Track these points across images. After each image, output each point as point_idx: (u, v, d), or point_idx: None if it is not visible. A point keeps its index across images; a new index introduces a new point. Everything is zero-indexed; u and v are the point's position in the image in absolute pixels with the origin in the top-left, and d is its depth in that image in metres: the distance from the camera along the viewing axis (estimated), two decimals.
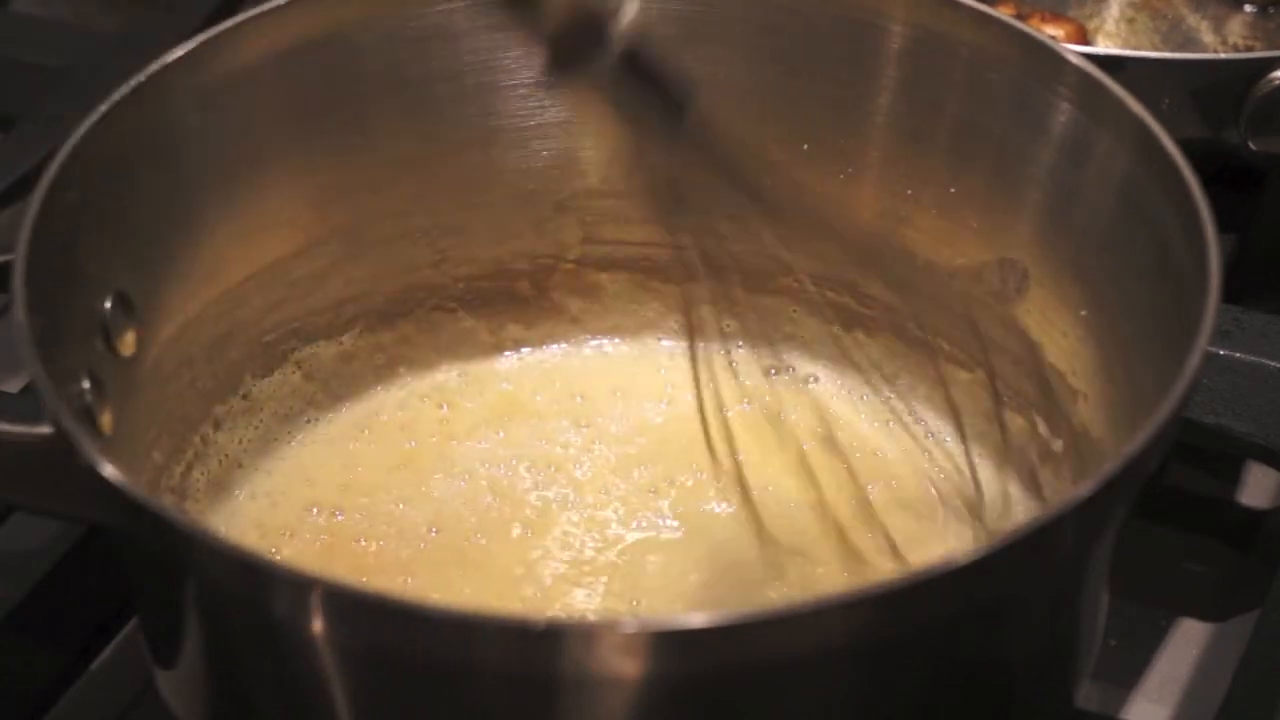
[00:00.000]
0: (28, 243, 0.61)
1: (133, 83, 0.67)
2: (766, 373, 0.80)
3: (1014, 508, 0.75)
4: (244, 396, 0.76)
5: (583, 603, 0.71)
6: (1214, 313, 0.59)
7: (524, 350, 0.82)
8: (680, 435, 0.78)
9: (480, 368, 0.81)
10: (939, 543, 0.73)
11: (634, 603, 0.71)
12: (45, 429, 0.59)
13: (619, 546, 0.74)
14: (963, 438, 0.77)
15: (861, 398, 0.80)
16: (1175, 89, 0.86)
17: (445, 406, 0.80)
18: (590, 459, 0.77)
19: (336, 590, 0.53)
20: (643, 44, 0.59)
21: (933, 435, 0.78)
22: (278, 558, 0.72)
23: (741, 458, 0.74)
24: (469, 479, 0.76)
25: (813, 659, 0.54)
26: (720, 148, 0.62)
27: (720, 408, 0.74)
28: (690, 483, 0.76)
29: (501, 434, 0.78)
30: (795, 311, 0.80)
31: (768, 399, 0.79)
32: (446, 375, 0.81)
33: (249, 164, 0.72)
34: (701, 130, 0.61)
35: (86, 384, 0.63)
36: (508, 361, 0.82)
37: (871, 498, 0.75)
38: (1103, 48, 1.03)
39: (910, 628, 0.54)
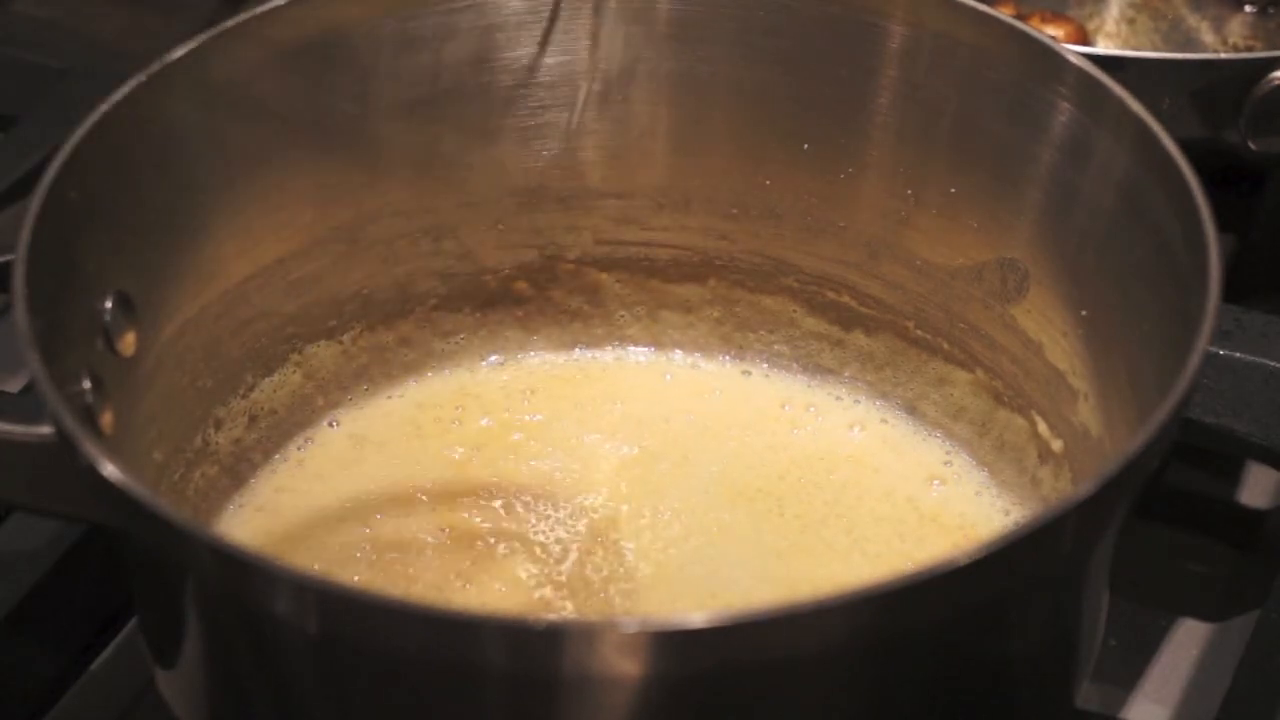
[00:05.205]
0: (28, 243, 0.60)
1: (133, 83, 0.67)
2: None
3: (1011, 512, 0.75)
4: (244, 397, 0.76)
5: (599, 608, 0.71)
6: (1214, 313, 0.59)
7: (525, 351, 0.82)
8: (683, 440, 0.78)
9: (480, 368, 0.81)
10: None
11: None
12: (45, 429, 0.59)
13: (625, 552, 0.74)
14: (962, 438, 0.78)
15: (855, 401, 0.80)
16: (1175, 89, 0.86)
17: (444, 409, 0.80)
18: (593, 463, 0.77)
19: (336, 591, 0.53)
20: None
21: (930, 436, 0.78)
22: (278, 558, 0.72)
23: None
24: (469, 481, 0.76)
25: (813, 659, 0.54)
26: None
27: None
28: (690, 489, 0.76)
29: (501, 439, 0.78)
30: (795, 311, 0.80)
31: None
32: (447, 376, 0.81)
33: (249, 164, 0.72)
34: None
35: (87, 384, 0.63)
36: (507, 362, 0.82)
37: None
38: (1103, 48, 1.03)
39: (910, 628, 0.54)
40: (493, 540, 0.74)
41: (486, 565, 0.73)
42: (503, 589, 0.72)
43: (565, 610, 0.71)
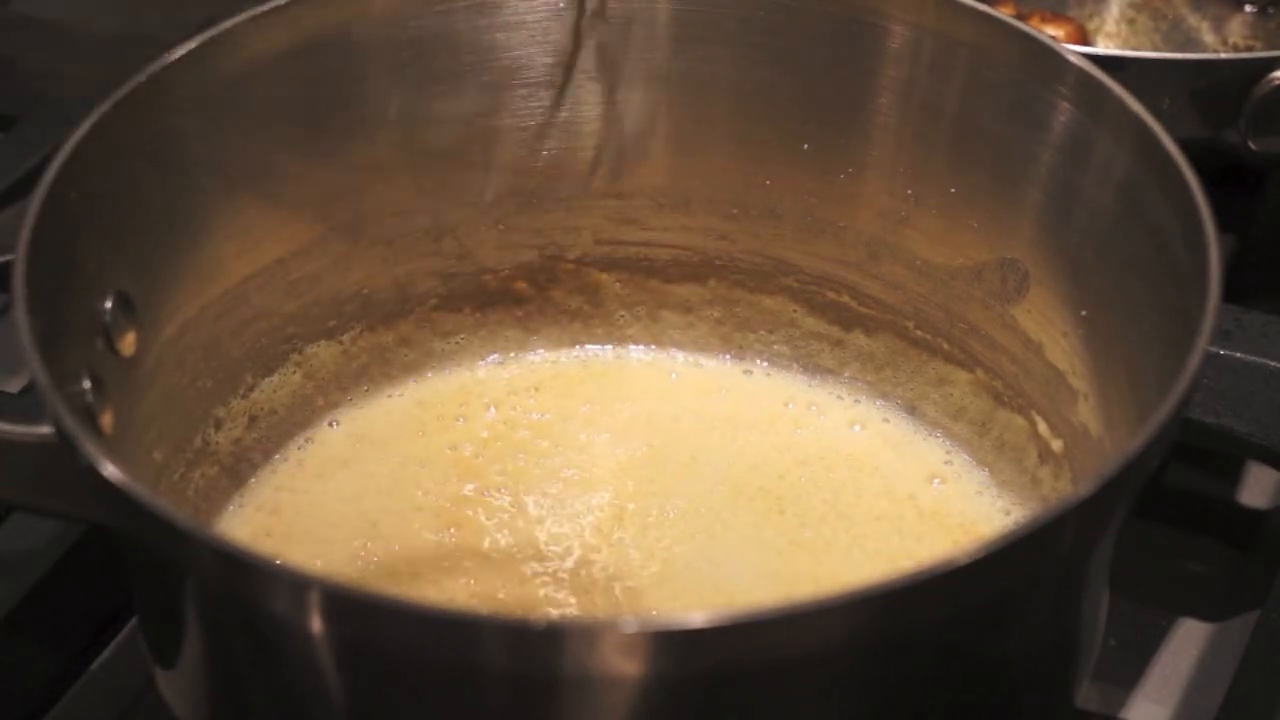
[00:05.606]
0: (28, 243, 0.60)
1: (133, 83, 0.67)
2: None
3: (1011, 511, 0.75)
4: (244, 397, 0.76)
5: (602, 606, 0.71)
6: (1214, 313, 0.59)
7: (524, 351, 0.82)
8: (691, 439, 0.78)
9: (481, 368, 0.81)
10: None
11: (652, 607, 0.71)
12: (45, 429, 0.59)
13: (630, 550, 0.74)
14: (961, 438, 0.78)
15: (856, 401, 0.80)
16: (1175, 89, 0.86)
17: (444, 408, 0.80)
18: (600, 461, 0.77)
19: (336, 590, 0.53)
20: None
21: (931, 435, 0.78)
22: (278, 558, 0.72)
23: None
24: (471, 480, 0.76)
25: (813, 659, 0.54)
26: None
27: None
28: (692, 487, 0.76)
29: (503, 438, 0.78)
30: (795, 311, 0.80)
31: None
32: (447, 375, 0.81)
33: (249, 164, 0.72)
34: None
35: (87, 384, 0.63)
36: (508, 362, 0.82)
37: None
38: (1103, 48, 1.03)
39: (910, 627, 0.54)
40: (497, 538, 0.74)
41: (491, 563, 0.73)
42: (507, 587, 0.72)
43: (569, 608, 0.71)
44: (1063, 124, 0.70)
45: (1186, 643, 0.78)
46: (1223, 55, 1.02)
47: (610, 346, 0.83)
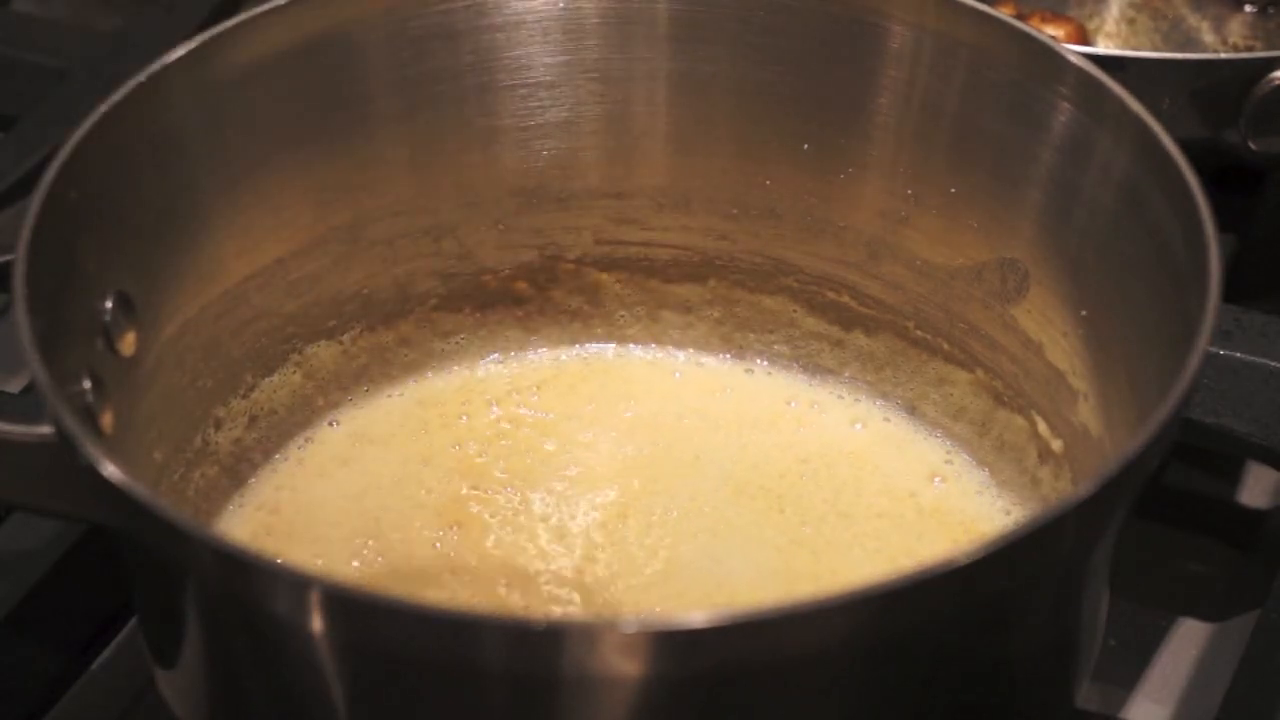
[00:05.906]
0: (28, 243, 0.61)
1: (133, 83, 0.67)
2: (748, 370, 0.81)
3: (1011, 511, 0.75)
4: (244, 397, 0.76)
5: (604, 604, 0.71)
6: (1214, 313, 0.59)
7: (524, 351, 0.82)
8: (695, 438, 0.78)
9: (481, 368, 0.81)
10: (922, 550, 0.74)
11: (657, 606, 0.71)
12: (46, 429, 0.59)
13: (633, 548, 0.74)
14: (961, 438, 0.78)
15: (856, 400, 0.80)
16: (1175, 89, 0.86)
17: (445, 407, 0.80)
18: (604, 460, 0.77)
19: (336, 590, 0.53)
20: None
21: (931, 435, 0.78)
22: (278, 558, 0.72)
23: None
24: (473, 478, 0.76)
25: (813, 659, 0.54)
26: None
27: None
28: (695, 486, 0.76)
29: (504, 437, 0.78)
30: (795, 311, 0.80)
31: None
32: (447, 375, 0.81)
33: (249, 164, 0.72)
34: None
35: (87, 384, 0.63)
36: (508, 362, 0.82)
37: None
38: (1103, 48, 1.03)
39: (910, 627, 0.54)
40: (500, 536, 0.74)
41: (492, 562, 0.73)
42: (509, 586, 0.72)
43: (572, 606, 0.71)
44: (1063, 124, 0.70)
45: (1186, 643, 0.79)
46: (1223, 55, 1.02)
47: (612, 345, 0.83)
